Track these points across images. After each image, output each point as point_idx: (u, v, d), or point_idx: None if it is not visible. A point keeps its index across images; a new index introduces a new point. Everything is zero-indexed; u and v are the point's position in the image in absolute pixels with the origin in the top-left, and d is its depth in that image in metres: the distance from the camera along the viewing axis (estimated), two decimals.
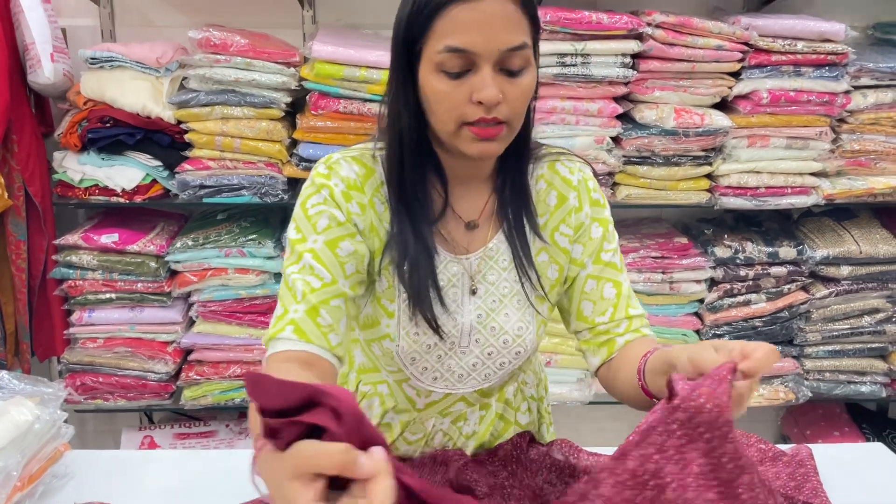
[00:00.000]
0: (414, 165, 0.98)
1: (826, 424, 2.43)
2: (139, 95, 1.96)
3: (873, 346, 2.22)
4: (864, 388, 2.24)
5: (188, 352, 2.15)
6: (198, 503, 0.96)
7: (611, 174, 2.09)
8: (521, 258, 1.02)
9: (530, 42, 0.91)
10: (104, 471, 1.08)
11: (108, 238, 2.02)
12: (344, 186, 0.98)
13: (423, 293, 0.98)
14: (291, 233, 0.98)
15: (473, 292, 1.03)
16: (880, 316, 2.19)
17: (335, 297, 0.94)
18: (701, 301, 2.19)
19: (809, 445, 1.10)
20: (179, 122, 1.99)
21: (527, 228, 1.03)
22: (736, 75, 2.05)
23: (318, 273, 0.94)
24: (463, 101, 0.89)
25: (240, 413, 2.40)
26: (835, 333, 2.20)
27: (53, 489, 1.02)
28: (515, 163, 1.02)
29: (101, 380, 2.09)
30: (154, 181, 2.02)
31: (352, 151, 1.03)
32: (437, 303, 0.99)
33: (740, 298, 2.17)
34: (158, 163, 2.01)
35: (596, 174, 1.11)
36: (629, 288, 1.07)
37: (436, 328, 0.99)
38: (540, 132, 2.01)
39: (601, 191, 1.09)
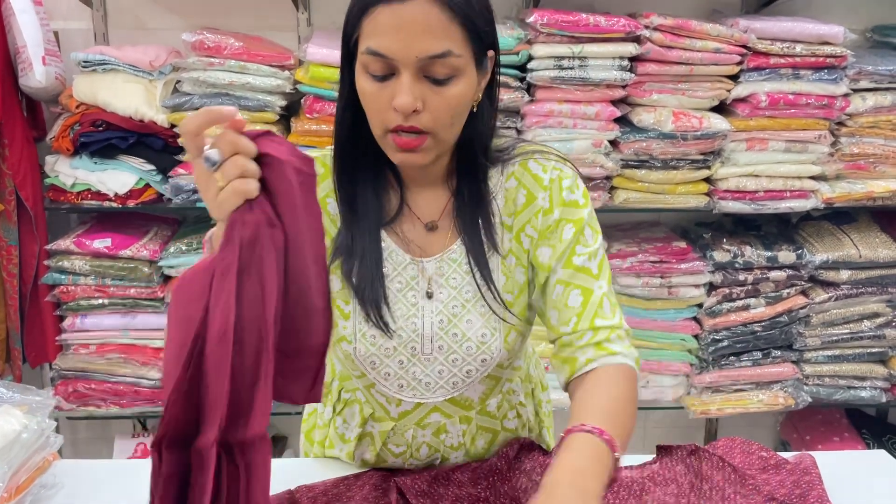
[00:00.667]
0: (361, 162, 0.97)
1: (826, 430, 2.42)
2: (132, 99, 1.94)
3: (873, 350, 2.20)
4: (863, 394, 2.23)
5: None
6: None
7: (608, 178, 2.08)
8: (478, 266, 0.99)
9: (461, 51, 0.87)
10: (94, 481, 1.06)
11: (101, 243, 2.00)
12: None
13: (368, 295, 0.97)
14: None
15: (429, 296, 1.01)
16: (880, 320, 2.17)
17: None
18: (700, 306, 2.17)
19: (811, 452, 1.08)
20: (173, 126, 1.97)
21: (483, 237, 1.00)
22: (734, 78, 2.03)
23: None
24: (385, 105, 0.88)
25: None
26: (834, 338, 2.19)
27: (42, 499, 1.00)
28: (471, 169, 0.99)
29: (93, 386, 2.07)
30: (147, 185, 2.00)
31: (322, 152, 1.03)
32: (384, 305, 0.98)
33: (739, 303, 2.16)
34: (152, 167, 1.98)
35: (581, 175, 1.05)
36: (602, 295, 0.98)
37: (385, 329, 0.98)
38: (537, 135, 1.99)
39: (581, 190, 1.02)
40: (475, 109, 0.95)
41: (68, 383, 2.06)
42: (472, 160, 0.99)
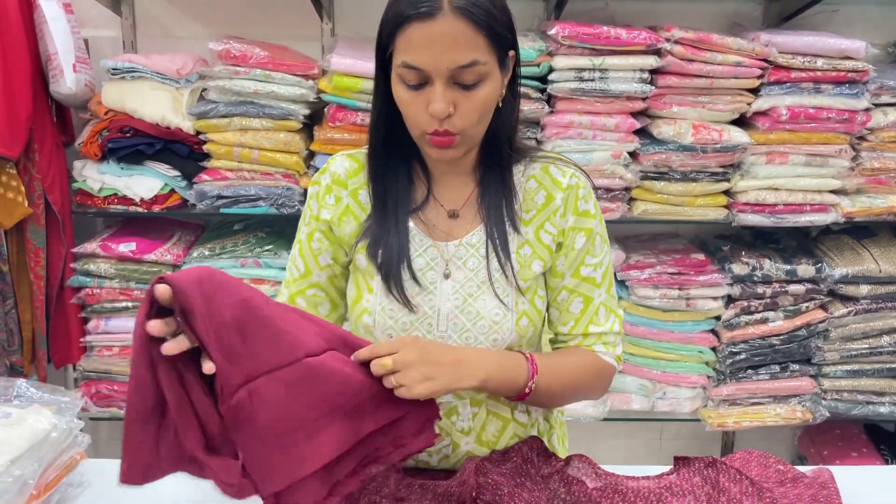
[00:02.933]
0: (393, 158, 1.08)
1: (843, 445, 2.40)
2: (159, 106, 1.97)
3: (893, 366, 2.19)
4: (882, 409, 2.21)
5: None
6: None
7: (627, 189, 2.09)
8: (497, 248, 1.08)
9: (486, 58, 0.96)
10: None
11: (126, 247, 2.04)
12: (330, 180, 1.13)
13: (393, 268, 1.06)
14: (305, 211, 1.16)
15: (447, 276, 1.08)
16: None
17: (310, 287, 1.15)
18: (717, 318, 2.17)
19: (828, 467, 1.08)
20: (198, 133, 2.00)
21: (506, 221, 1.09)
22: (755, 92, 2.04)
23: (297, 265, 1.15)
24: (422, 110, 0.98)
25: None
26: (853, 353, 2.17)
27: (69, 498, 1.02)
28: (495, 158, 1.09)
29: (116, 388, 2.10)
30: (172, 191, 2.03)
31: (353, 151, 1.16)
32: (409, 278, 1.07)
33: (757, 316, 2.15)
34: (177, 173, 2.02)
35: (594, 186, 1.16)
36: (600, 303, 1.13)
37: (405, 300, 1.06)
38: (557, 146, 2.01)
39: (593, 201, 1.12)
40: (500, 105, 1.04)
41: (92, 384, 2.10)
42: (498, 152, 1.09)
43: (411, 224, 1.10)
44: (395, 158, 1.09)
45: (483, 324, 1.07)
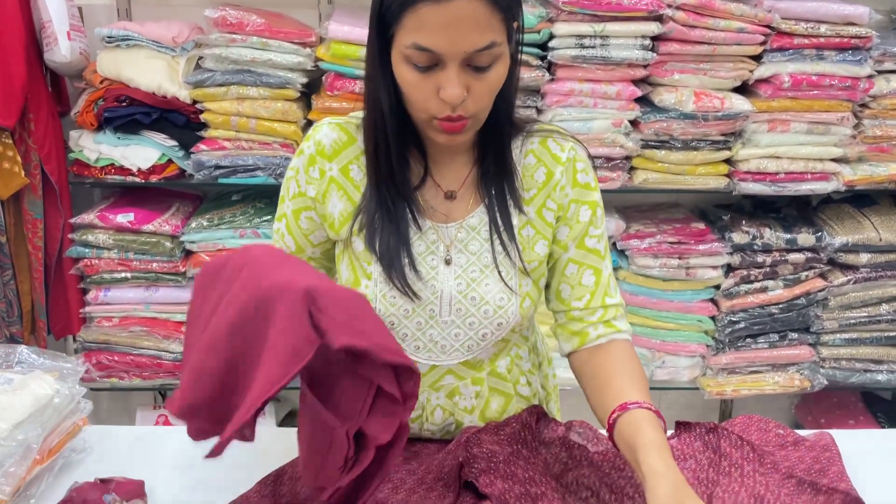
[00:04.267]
0: (391, 138, 1.01)
1: (840, 413, 2.42)
2: (155, 75, 1.95)
3: (891, 334, 2.20)
4: (880, 377, 2.23)
5: None
6: (216, 478, 0.96)
7: (628, 158, 2.07)
8: (501, 230, 1.05)
9: (501, 39, 0.91)
10: (123, 446, 1.08)
11: (124, 217, 2.03)
12: (314, 150, 1.06)
13: (393, 256, 1.02)
14: (284, 186, 1.10)
15: (448, 262, 1.05)
16: None
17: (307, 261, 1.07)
18: (717, 287, 2.17)
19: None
20: (195, 102, 1.98)
21: (509, 202, 1.05)
22: (757, 58, 2.02)
23: (286, 242, 1.11)
24: (431, 94, 0.92)
25: None
26: (852, 321, 2.18)
27: (73, 463, 1.02)
28: (496, 137, 1.03)
29: (116, 358, 2.10)
30: (170, 161, 2.02)
31: (340, 119, 1.10)
32: (409, 267, 1.03)
33: (757, 285, 2.16)
34: (174, 142, 2.00)
35: (591, 156, 1.12)
36: (609, 276, 1.10)
37: (406, 290, 1.03)
38: (557, 115, 1.99)
39: (593, 173, 1.10)
40: None
41: (91, 355, 2.10)
42: (498, 128, 1.03)
43: (409, 207, 1.05)
44: (392, 136, 1.02)
45: (488, 308, 1.05)
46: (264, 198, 2.19)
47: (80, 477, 0.95)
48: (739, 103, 1.99)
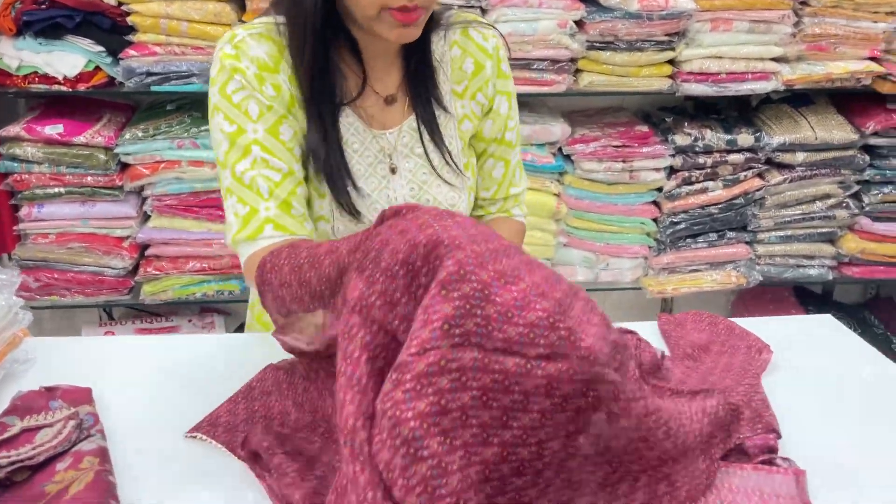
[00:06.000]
0: (323, 46, 0.95)
1: (774, 307, 2.53)
2: None
3: (823, 230, 2.29)
4: (812, 272, 2.33)
5: (145, 247, 2.11)
6: (164, 388, 0.96)
7: (573, 60, 2.05)
8: (432, 132, 1.04)
9: None
10: (65, 357, 1.07)
11: (53, 129, 1.93)
12: (256, 69, 0.96)
13: (337, 178, 0.99)
14: (223, 125, 0.96)
15: (393, 171, 1.04)
16: (831, 201, 2.24)
17: (298, 186, 0.98)
18: (659, 189, 2.21)
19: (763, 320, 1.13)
20: (120, 4, 1.87)
21: (433, 102, 1.04)
22: None
23: (274, 165, 0.96)
24: None
25: (202, 308, 2.39)
26: (787, 219, 2.26)
27: (15, 374, 1.00)
28: (419, 38, 0.98)
29: (56, 276, 2.05)
30: (97, 68, 1.91)
31: (255, 27, 0.99)
32: (351, 187, 1.00)
33: (698, 186, 2.20)
34: (101, 48, 1.90)
35: (508, 45, 1.13)
36: (517, 164, 1.16)
37: (356, 216, 1.00)
38: (501, 15, 1.94)
39: (508, 62, 1.11)
40: None
41: (30, 273, 2.04)
42: (425, 25, 0.98)
43: (351, 115, 1.01)
44: (326, 41, 0.96)
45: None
46: (201, 107, 2.11)
47: (24, 387, 0.93)
48: (683, 2, 1.97)
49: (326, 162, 0.99)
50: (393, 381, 0.55)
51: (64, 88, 1.91)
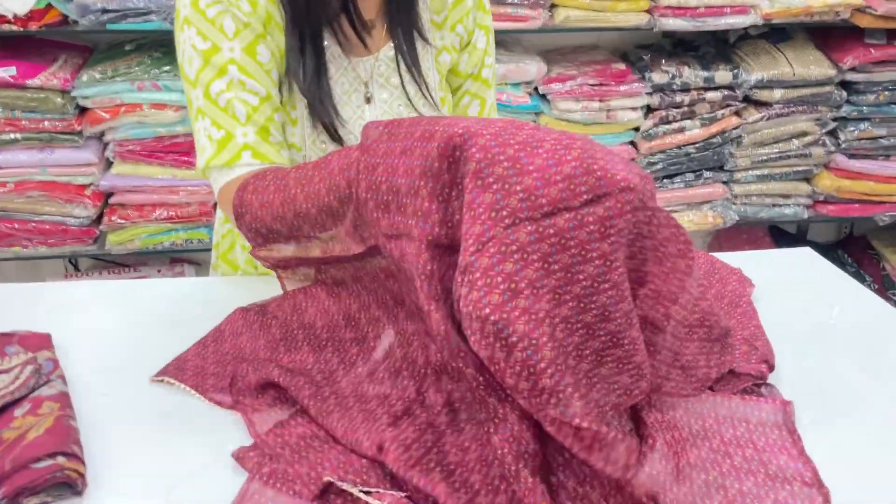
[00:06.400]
0: None
1: (749, 248, 2.54)
2: None
3: (799, 169, 2.28)
4: (787, 210, 2.32)
5: (109, 195, 2.04)
6: (128, 333, 0.92)
7: None
8: (409, 62, 1.00)
9: None
10: (26, 303, 1.02)
11: (5, 71, 1.84)
12: None
13: (318, 99, 0.95)
14: (196, 40, 0.90)
15: (368, 100, 1.01)
16: (808, 139, 2.23)
17: (275, 111, 0.93)
18: (636, 129, 2.18)
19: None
20: None
21: (414, 32, 1.00)
22: None
23: (252, 88, 0.91)
24: None
25: (171, 258, 2.34)
26: (763, 158, 2.24)
27: None
28: None
29: (16, 226, 1.98)
30: (49, 5, 1.81)
31: None
32: (332, 109, 0.96)
33: (675, 125, 2.17)
34: None
35: None
36: (492, 104, 1.13)
37: (335, 136, 0.97)
38: None
39: None
40: None
41: None
42: None
43: (328, 39, 0.97)
44: None
45: None
46: (161, 46, 2.02)
47: None
48: None
49: (309, 85, 0.94)
50: (465, 283, 0.57)
51: (15, 28, 1.81)
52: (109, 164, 2.01)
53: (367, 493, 0.61)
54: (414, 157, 0.62)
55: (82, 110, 1.93)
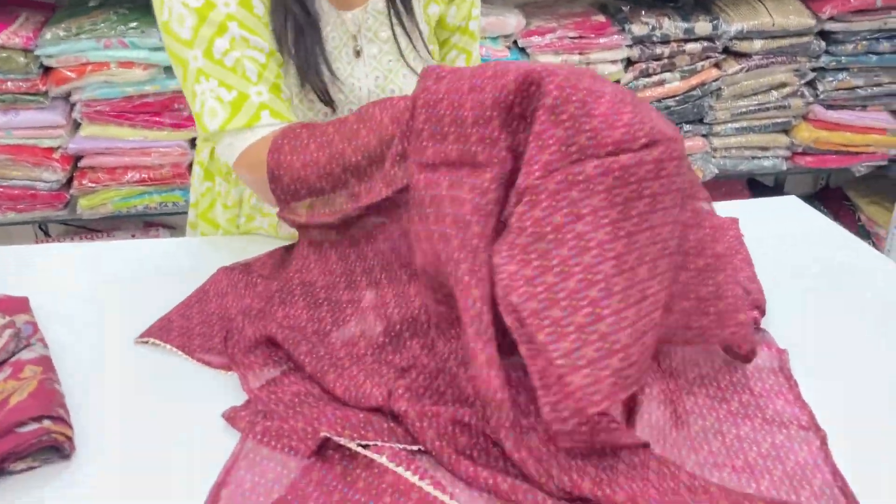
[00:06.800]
0: None
1: (728, 201, 2.55)
2: None
3: (778, 120, 2.27)
4: (766, 163, 2.33)
5: (78, 158, 1.98)
6: (109, 296, 0.89)
7: None
8: (401, 12, 0.97)
9: None
10: (1, 266, 0.99)
11: None
12: None
13: (310, 61, 0.90)
14: None
15: (357, 54, 0.97)
16: (787, 90, 2.22)
17: (280, 66, 0.90)
18: (617, 83, 2.15)
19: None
20: None
21: None
22: None
23: (256, 45, 0.85)
24: None
25: (145, 222, 2.29)
26: (742, 110, 2.23)
27: None
28: None
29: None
30: None
31: None
32: (325, 70, 0.92)
33: (655, 78, 2.15)
34: None
35: None
36: (477, 57, 1.10)
37: (326, 99, 0.94)
38: None
39: None
40: None
41: None
42: None
43: None
44: None
45: None
46: (127, 1, 1.95)
47: None
48: None
49: (299, 43, 0.89)
50: (526, 202, 0.59)
51: None
52: (77, 125, 1.94)
53: (364, 446, 0.60)
54: (486, 92, 0.63)
55: (47, 70, 1.87)
